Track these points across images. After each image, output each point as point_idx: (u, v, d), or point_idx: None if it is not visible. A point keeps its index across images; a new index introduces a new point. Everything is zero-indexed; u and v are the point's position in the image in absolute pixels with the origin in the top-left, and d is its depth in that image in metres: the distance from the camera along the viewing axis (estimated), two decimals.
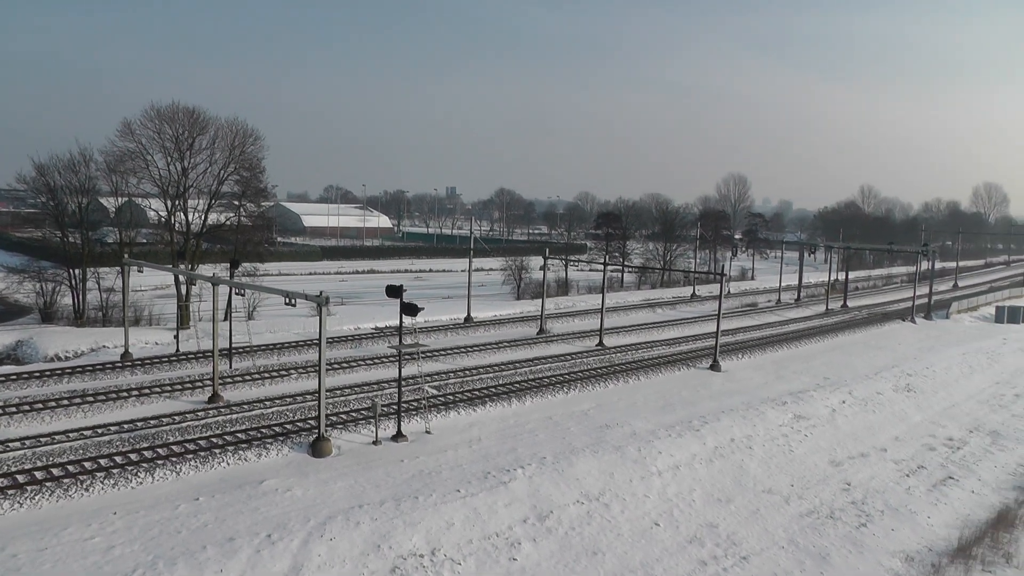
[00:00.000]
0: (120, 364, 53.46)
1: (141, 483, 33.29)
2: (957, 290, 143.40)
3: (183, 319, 68.93)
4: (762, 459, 43.98)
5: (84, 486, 32.28)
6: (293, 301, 41.92)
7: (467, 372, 56.58)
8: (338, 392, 48.98)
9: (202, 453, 36.80)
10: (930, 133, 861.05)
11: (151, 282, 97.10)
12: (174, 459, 35.77)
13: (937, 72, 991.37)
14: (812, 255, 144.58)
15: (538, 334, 74.08)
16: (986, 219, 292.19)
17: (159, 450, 36.92)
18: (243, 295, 56.57)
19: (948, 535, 37.42)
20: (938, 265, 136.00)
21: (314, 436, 38.90)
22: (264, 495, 32.68)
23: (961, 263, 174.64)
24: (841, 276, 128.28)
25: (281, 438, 39.62)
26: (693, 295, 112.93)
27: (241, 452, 37.29)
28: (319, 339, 38.81)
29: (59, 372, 50.70)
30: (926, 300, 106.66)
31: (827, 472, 44.10)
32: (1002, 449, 52.00)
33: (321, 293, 39.25)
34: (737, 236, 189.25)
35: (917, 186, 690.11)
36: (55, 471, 33.45)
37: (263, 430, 40.69)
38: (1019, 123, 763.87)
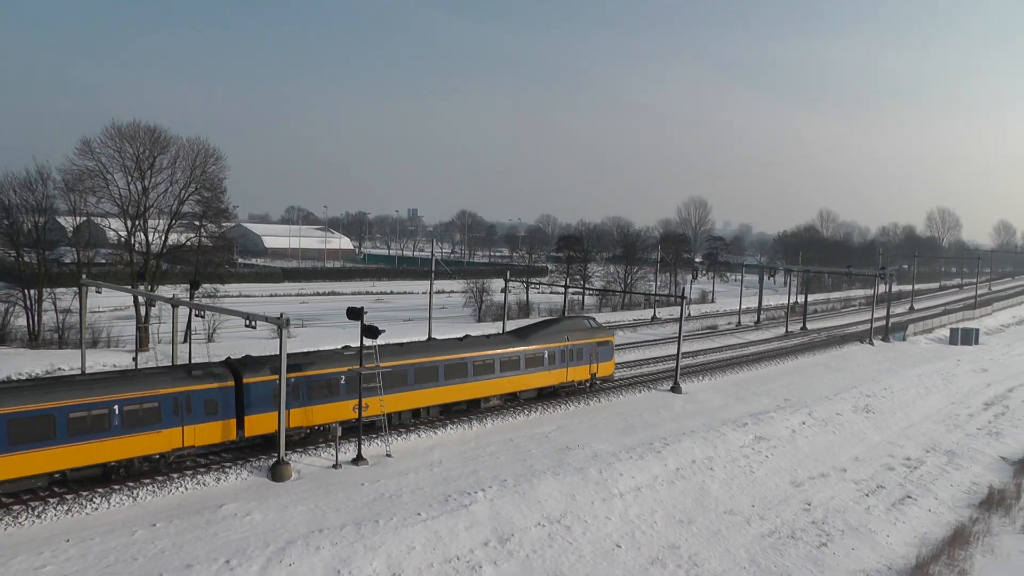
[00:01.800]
0: None
1: (96, 509, 32.73)
2: (913, 312, 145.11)
3: (142, 341, 68.08)
4: (723, 480, 44.13)
5: (35, 513, 31.67)
6: (254, 323, 41.42)
7: None
8: None
9: (160, 478, 36.22)
10: (887, 159, 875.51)
11: (110, 303, 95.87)
12: (131, 484, 35.17)
13: (894, 100, 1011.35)
14: (772, 278, 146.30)
15: None
16: (940, 243, 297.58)
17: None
18: (203, 316, 55.98)
19: (906, 553, 37.88)
20: (895, 288, 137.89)
21: (274, 460, 38.47)
22: (223, 520, 32.26)
23: (917, 286, 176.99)
24: (800, 299, 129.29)
25: (240, 462, 39.13)
26: (654, 318, 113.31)
27: (200, 476, 36.82)
28: (280, 362, 38.44)
29: None
30: (883, 322, 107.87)
31: (788, 493, 44.36)
32: (957, 468, 52.71)
33: (282, 315, 38.99)
34: (697, 259, 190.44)
35: (875, 210, 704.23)
36: (4, 499, 32.63)
37: (223, 454, 40.14)
38: (970, 150, 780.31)
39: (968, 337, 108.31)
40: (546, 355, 55.42)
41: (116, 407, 35.29)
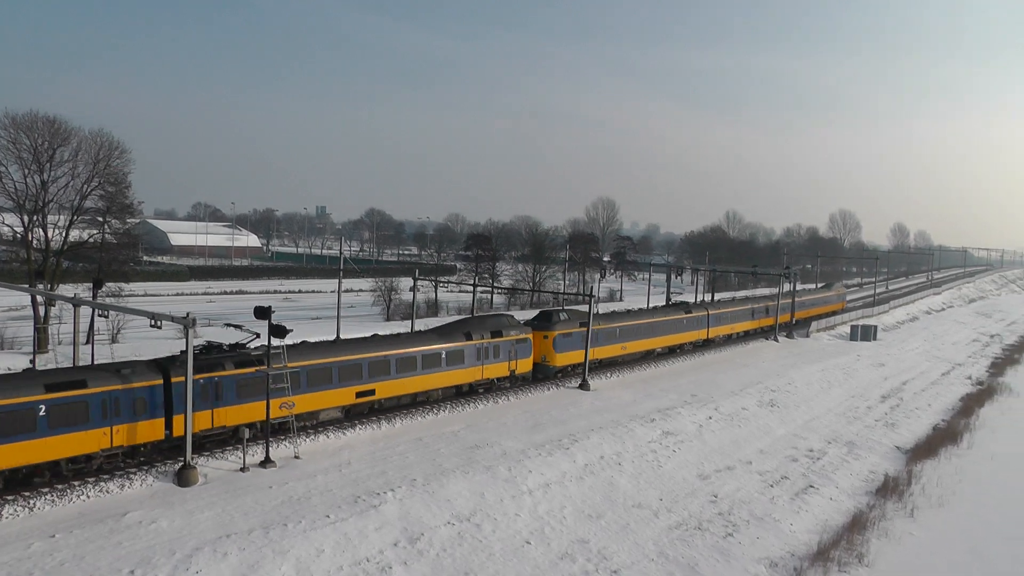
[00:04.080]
0: None
1: None
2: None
3: (40, 342, 65.77)
4: (632, 475, 44.68)
5: None
6: (159, 323, 40.42)
7: None
8: None
9: (60, 486, 34.97)
10: (791, 162, 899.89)
11: (5, 303, 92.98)
12: (26, 493, 33.86)
13: (799, 106, 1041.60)
14: (679, 277, 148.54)
15: None
16: (842, 244, 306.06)
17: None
18: (107, 316, 54.44)
19: (809, 540, 38.94)
20: (799, 287, 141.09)
21: (180, 464, 37.63)
22: (127, 528, 31.39)
23: (820, 285, 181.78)
24: (707, 297, 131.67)
25: (146, 467, 38.13)
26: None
27: (103, 484, 35.71)
28: (186, 362, 37.63)
29: None
30: (788, 319, 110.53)
31: (695, 485, 45.13)
32: (857, 458, 54.36)
33: (188, 315, 38.11)
34: (606, 258, 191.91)
35: (779, 212, 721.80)
36: None
37: (127, 459, 38.95)
38: (869, 156, 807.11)
39: (867, 334, 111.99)
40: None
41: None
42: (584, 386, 63.50)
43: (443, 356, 54.50)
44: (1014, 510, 46.49)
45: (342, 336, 66.43)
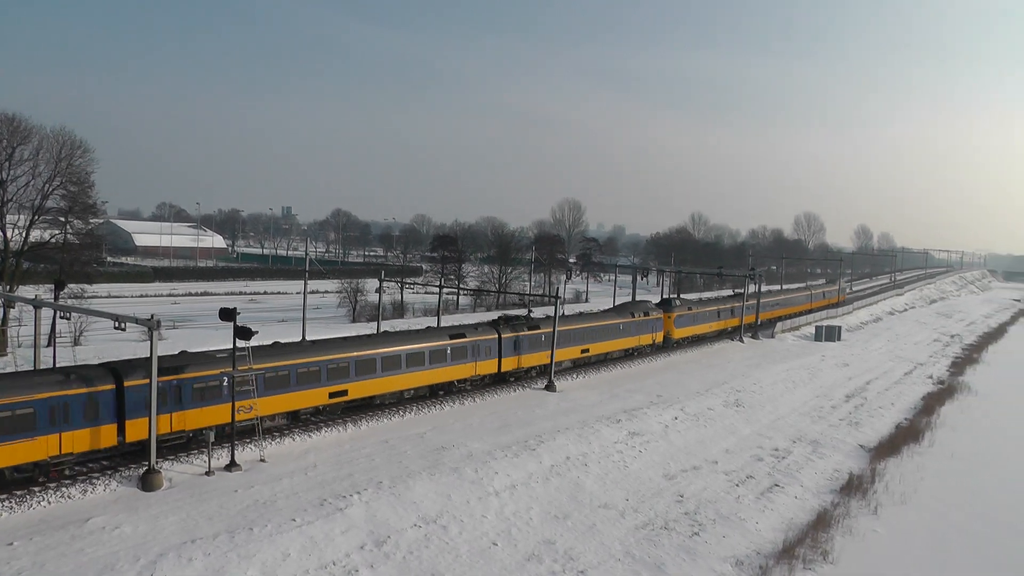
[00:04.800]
0: None
1: None
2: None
3: (0, 345, 64.72)
4: (598, 475, 44.72)
5: None
6: (123, 325, 39.84)
7: None
8: None
9: (18, 492, 34.23)
10: (757, 166, 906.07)
11: None
12: None
13: (764, 110, 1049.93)
14: (645, 278, 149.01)
15: None
16: (806, 246, 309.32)
17: None
18: (69, 318, 53.63)
19: (774, 538, 39.18)
20: (764, 288, 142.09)
21: (144, 468, 37.12)
22: (90, 535, 30.91)
23: (784, 286, 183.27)
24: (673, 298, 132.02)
25: (109, 472, 37.56)
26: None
27: (64, 489, 35.07)
28: (151, 365, 37.12)
29: None
30: (753, 320, 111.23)
31: (661, 485, 45.25)
32: (821, 457, 54.78)
33: (152, 316, 37.65)
34: (572, 260, 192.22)
35: (745, 214, 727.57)
36: None
37: (89, 464, 38.40)
38: (833, 160, 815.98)
39: (831, 334, 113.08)
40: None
41: None
42: (550, 387, 63.53)
43: (619, 327, 78.46)
44: (974, 506, 47.11)
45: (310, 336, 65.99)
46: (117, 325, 39.94)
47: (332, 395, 48.70)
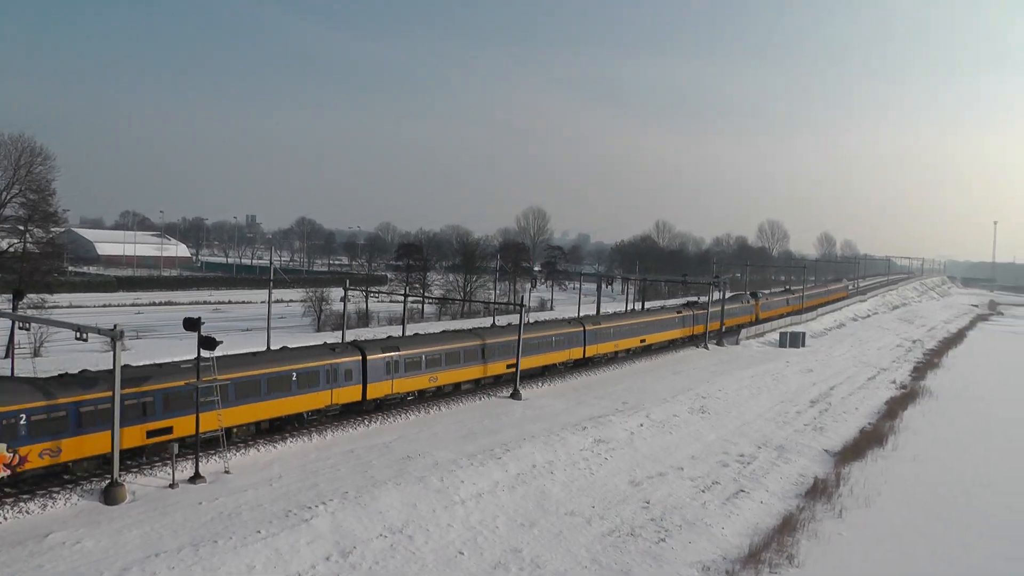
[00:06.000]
0: None
1: None
2: None
3: None
4: (564, 483, 44.63)
5: None
6: (85, 335, 38.91)
7: None
8: None
9: None
10: (721, 174, 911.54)
11: None
12: None
13: (727, 118, 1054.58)
14: (610, 286, 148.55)
15: None
16: (770, 253, 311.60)
17: None
18: (28, 329, 52.69)
19: (740, 543, 39.34)
20: (728, 295, 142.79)
21: (106, 482, 36.47)
22: (50, 550, 30.30)
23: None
24: (638, 306, 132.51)
25: (70, 486, 36.82)
26: (493, 326, 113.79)
27: (22, 504, 34.34)
28: (113, 376, 36.51)
29: None
30: (718, 327, 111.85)
31: (627, 492, 45.22)
32: (786, 462, 55.10)
33: (115, 326, 37.02)
34: (536, 268, 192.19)
35: (709, 222, 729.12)
36: None
37: (50, 478, 37.50)
38: (796, 169, 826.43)
39: (796, 340, 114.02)
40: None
41: None
42: (516, 395, 63.31)
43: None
44: (936, 508, 47.66)
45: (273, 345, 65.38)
46: (79, 335, 39.09)
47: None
